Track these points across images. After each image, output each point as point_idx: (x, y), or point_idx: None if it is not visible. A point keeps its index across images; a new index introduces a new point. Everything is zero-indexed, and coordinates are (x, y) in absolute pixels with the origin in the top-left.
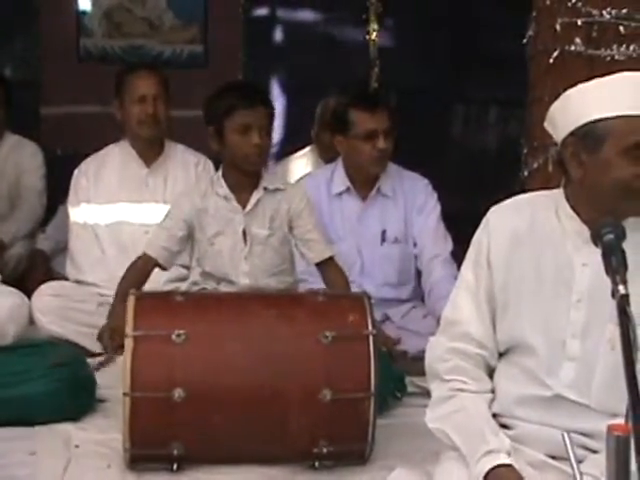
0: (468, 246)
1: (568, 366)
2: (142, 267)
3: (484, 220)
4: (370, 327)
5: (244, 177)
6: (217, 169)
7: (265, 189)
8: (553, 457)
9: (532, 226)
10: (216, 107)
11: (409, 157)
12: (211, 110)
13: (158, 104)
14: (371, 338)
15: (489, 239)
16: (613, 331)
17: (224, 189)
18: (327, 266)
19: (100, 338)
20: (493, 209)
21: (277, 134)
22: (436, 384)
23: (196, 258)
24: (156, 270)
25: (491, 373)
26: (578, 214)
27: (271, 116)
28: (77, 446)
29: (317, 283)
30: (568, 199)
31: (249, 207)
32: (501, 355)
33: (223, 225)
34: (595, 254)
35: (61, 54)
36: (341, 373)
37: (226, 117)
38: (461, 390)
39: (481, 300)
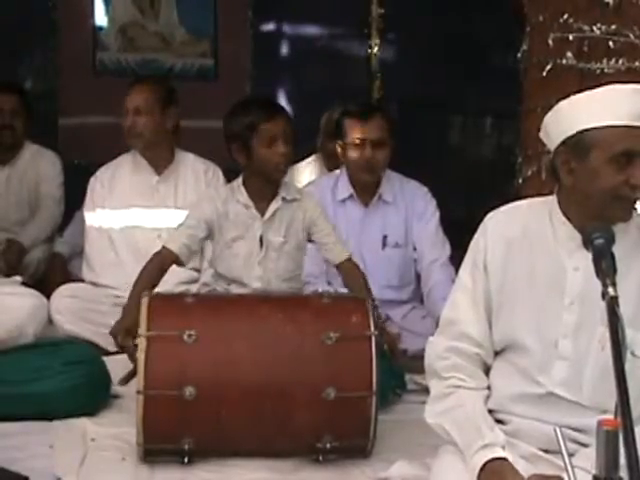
0: (466, 250)
1: (560, 365)
2: (161, 262)
3: (482, 225)
4: (372, 328)
5: (265, 186)
6: (226, 177)
7: (283, 199)
8: (546, 451)
9: (527, 231)
10: (239, 123)
11: (410, 166)
12: (234, 127)
13: (138, 117)
14: (373, 339)
15: (486, 243)
16: (603, 332)
17: (244, 197)
18: (346, 267)
19: (114, 336)
20: (490, 215)
21: None
22: (435, 381)
23: (209, 259)
24: (168, 271)
25: (487, 371)
26: (570, 220)
27: (291, 125)
28: (93, 440)
29: (321, 285)
30: (560, 205)
31: (268, 215)
32: (497, 354)
33: (242, 231)
34: (587, 259)
35: (78, 67)
36: (344, 372)
37: (252, 132)
38: (459, 387)
39: (478, 301)
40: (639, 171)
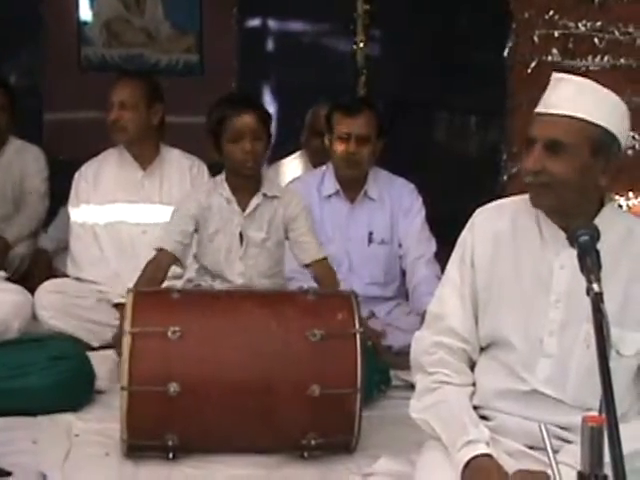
0: (451, 247)
1: (544, 363)
2: (160, 263)
3: (470, 221)
4: (357, 325)
5: (244, 182)
6: (211, 172)
7: (264, 195)
8: (530, 447)
9: (514, 229)
10: (210, 119)
11: (395, 163)
12: (208, 122)
13: (123, 111)
14: (358, 336)
15: (473, 240)
16: (588, 330)
17: (226, 192)
18: (318, 267)
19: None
20: (478, 211)
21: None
22: (420, 376)
23: (194, 254)
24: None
25: (473, 366)
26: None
27: (262, 121)
28: (77, 435)
29: (306, 281)
30: None
31: (248, 211)
32: (482, 350)
33: (222, 224)
34: (573, 257)
35: (63, 63)
36: (329, 370)
37: (219, 128)
38: (444, 383)
39: (465, 297)
40: (532, 155)
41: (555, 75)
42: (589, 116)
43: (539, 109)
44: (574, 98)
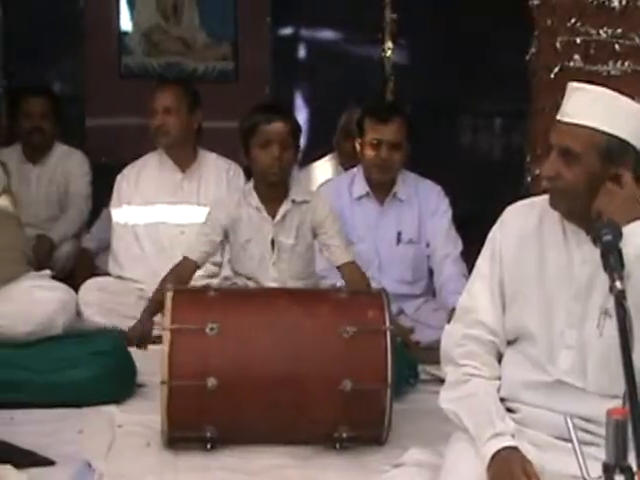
0: (477, 246)
1: (566, 354)
2: (184, 270)
3: (500, 218)
4: (388, 322)
5: (272, 189)
6: (246, 176)
7: (293, 201)
8: (556, 438)
9: (540, 226)
10: (243, 125)
11: (423, 165)
12: (240, 128)
13: (167, 116)
14: (388, 333)
15: (502, 235)
16: (601, 320)
17: (255, 200)
18: (347, 269)
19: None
20: (509, 208)
21: (301, 143)
22: (451, 368)
23: (228, 259)
24: None
25: (500, 359)
26: None
27: (292, 132)
28: (120, 426)
29: (337, 279)
30: None
31: (278, 218)
32: (509, 343)
33: (254, 233)
34: (593, 252)
35: (105, 71)
36: (360, 365)
37: (250, 134)
38: (473, 375)
39: (494, 290)
40: (549, 162)
41: (571, 85)
42: (599, 125)
43: (558, 117)
44: (587, 107)
